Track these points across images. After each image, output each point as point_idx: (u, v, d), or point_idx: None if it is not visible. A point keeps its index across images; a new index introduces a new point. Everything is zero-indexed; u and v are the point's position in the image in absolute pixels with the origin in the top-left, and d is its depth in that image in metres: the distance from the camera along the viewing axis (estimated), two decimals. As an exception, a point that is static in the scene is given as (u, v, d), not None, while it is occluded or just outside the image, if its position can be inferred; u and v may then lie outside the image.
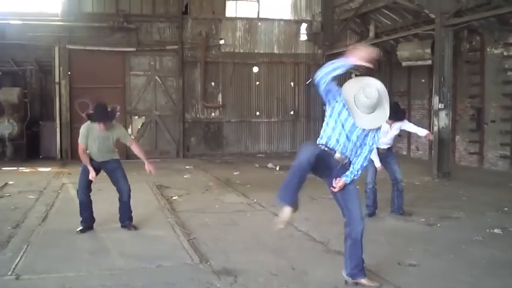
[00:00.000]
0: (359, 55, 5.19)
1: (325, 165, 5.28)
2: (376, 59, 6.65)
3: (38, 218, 8.78)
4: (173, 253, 6.76)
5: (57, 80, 18.56)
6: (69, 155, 18.25)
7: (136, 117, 19.48)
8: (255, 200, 10.58)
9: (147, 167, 8.17)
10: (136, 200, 9.58)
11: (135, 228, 8.12)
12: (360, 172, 5.39)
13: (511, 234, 7.92)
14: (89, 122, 8.00)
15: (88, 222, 8.06)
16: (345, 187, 5.37)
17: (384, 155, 8.87)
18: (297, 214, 5.31)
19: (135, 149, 8.32)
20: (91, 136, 7.88)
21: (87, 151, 7.98)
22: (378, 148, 8.67)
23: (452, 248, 7.05)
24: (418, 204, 9.98)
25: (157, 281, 5.70)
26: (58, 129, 18.52)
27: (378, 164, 8.76)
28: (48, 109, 19.19)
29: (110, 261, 6.46)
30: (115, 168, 8.11)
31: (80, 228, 7.96)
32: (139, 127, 19.46)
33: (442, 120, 13.83)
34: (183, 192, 11.71)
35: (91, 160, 7.97)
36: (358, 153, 5.34)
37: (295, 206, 5.17)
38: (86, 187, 8.03)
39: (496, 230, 8.04)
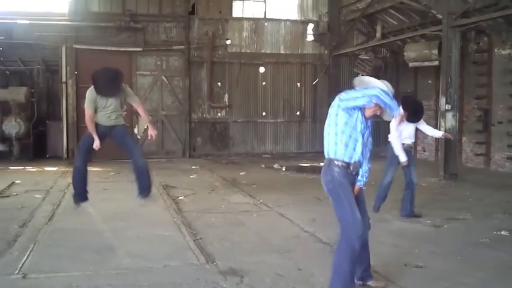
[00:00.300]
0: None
1: (349, 182, 5.22)
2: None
3: (44, 217, 8.79)
4: (179, 253, 6.76)
5: (64, 79, 18.60)
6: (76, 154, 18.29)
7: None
8: (261, 201, 10.57)
9: (150, 131, 8.02)
10: (142, 200, 9.63)
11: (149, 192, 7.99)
12: (368, 174, 5.34)
13: (518, 236, 7.90)
14: None
15: (82, 195, 7.94)
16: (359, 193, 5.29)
17: (407, 152, 8.86)
18: None
19: (141, 111, 8.18)
20: (101, 98, 7.69)
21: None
22: (403, 144, 8.70)
23: (458, 250, 7.03)
24: (425, 206, 9.95)
25: (163, 281, 5.70)
26: (65, 129, 18.56)
27: (403, 158, 8.71)
28: (55, 108, 19.24)
29: (117, 260, 6.47)
30: (125, 134, 7.99)
31: (75, 202, 7.85)
32: (145, 127, 19.44)
33: (449, 121, 13.80)
34: (189, 192, 11.72)
35: (97, 127, 7.81)
36: (365, 154, 5.29)
37: None
38: (85, 154, 7.82)
39: (503, 232, 8.01)
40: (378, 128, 21.36)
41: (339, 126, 5.10)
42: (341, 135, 5.10)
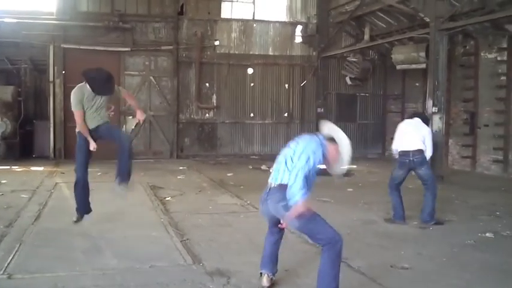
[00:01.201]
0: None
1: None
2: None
3: (30, 217, 8.74)
4: (166, 254, 6.75)
5: (51, 78, 18.51)
6: (63, 154, 18.22)
7: (131, 117, 19.40)
8: (248, 202, 10.58)
9: (138, 115, 7.95)
10: (130, 201, 9.62)
11: (126, 185, 7.96)
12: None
13: (503, 238, 7.98)
14: (83, 83, 7.73)
15: (84, 207, 7.95)
16: None
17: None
18: None
19: (130, 98, 8.18)
20: (87, 97, 7.63)
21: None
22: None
23: (444, 251, 7.09)
24: (411, 208, 9.99)
25: (150, 281, 5.69)
26: (52, 129, 18.46)
27: None
28: (42, 108, 19.13)
29: (103, 260, 6.45)
30: (110, 127, 7.99)
31: (77, 217, 7.87)
32: (133, 127, 19.39)
33: (436, 123, 13.86)
34: (177, 193, 11.70)
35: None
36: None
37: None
38: (84, 166, 7.79)
39: (488, 234, 8.09)
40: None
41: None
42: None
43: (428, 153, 8.87)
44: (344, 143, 5.12)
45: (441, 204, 10.61)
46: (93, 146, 7.68)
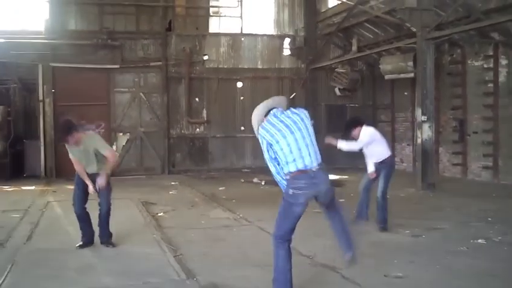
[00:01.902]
0: None
1: None
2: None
3: (22, 237, 8.69)
4: (160, 269, 6.74)
5: (41, 97, 18.46)
6: (54, 173, 18.15)
7: (121, 134, 19.43)
8: (241, 215, 10.58)
9: (100, 180, 7.66)
10: (122, 217, 9.61)
11: (113, 245, 8.02)
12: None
13: (495, 244, 8.01)
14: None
15: (88, 237, 7.98)
16: None
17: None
18: None
19: (108, 160, 7.92)
20: (74, 151, 7.76)
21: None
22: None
23: (437, 259, 7.11)
24: (403, 216, 10.04)
25: (144, 298, 5.69)
26: (42, 148, 18.39)
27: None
28: (33, 127, 19.04)
29: (97, 278, 6.43)
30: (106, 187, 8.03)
31: (80, 243, 7.88)
32: (124, 144, 19.38)
33: (425, 132, 13.95)
34: (169, 208, 11.68)
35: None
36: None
37: None
38: (81, 200, 7.87)
39: (480, 241, 8.12)
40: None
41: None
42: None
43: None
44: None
45: (434, 212, 10.70)
46: (91, 189, 7.73)
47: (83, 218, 7.95)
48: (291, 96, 20.88)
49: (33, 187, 15.71)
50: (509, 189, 13.87)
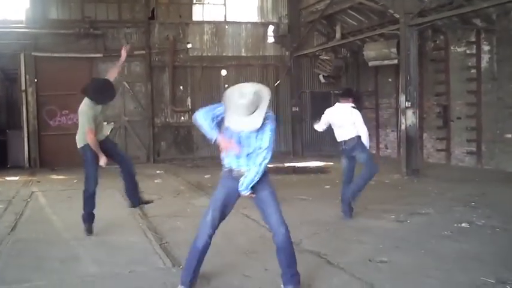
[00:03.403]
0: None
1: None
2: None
3: (7, 228, 8.62)
4: (145, 258, 6.73)
5: (23, 87, 18.29)
6: (38, 163, 18.04)
7: (105, 123, 19.06)
8: (226, 203, 10.56)
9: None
10: (107, 206, 9.57)
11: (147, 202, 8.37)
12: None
13: (478, 227, 8.09)
14: (87, 100, 7.89)
15: (91, 219, 7.96)
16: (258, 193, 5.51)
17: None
18: None
19: (116, 67, 8.58)
20: (99, 114, 7.83)
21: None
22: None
23: (422, 243, 7.17)
24: (388, 202, 10.11)
25: (130, 286, 5.67)
26: (26, 138, 18.26)
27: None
28: (15, 117, 18.92)
29: (82, 268, 6.40)
30: (114, 144, 8.11)
31: (87, 228, 7.86)
32: (108, 133, 19.17)
33: (409, 118, 14.03)
34: (155, 197, 11.62)
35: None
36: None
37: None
38: (96, 177, 7.84)
39: (464, 225, 8.20)
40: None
41: None
42: None
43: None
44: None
45: (418, 198, 10.78)
46: (104, 161, 7.68)
47: (94, 199, 7.90)
48: (276, 84, 20.89)
49: (17, 177, 15.57)
50: (492, 174, 14.03)
